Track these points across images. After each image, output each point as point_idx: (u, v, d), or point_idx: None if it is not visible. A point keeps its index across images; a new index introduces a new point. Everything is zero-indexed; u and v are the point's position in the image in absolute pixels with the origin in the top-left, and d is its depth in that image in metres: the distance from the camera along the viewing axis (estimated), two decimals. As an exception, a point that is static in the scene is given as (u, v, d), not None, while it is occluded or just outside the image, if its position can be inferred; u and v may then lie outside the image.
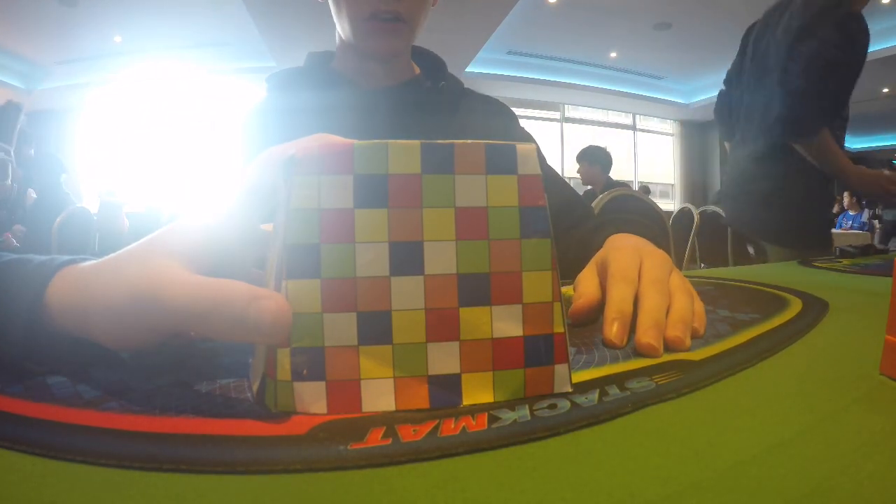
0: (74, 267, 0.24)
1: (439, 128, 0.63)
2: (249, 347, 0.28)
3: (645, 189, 6.15)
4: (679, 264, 2.21)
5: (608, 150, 2.97)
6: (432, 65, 0.68)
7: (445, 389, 0.20)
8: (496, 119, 0.69)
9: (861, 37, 1.14)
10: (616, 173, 2.99)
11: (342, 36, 0.63)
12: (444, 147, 0.20)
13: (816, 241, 1.25)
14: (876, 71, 5.63)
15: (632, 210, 1.88)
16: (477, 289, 0.20)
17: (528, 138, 0.71)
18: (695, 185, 8.15)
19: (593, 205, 1.60)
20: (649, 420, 0.19)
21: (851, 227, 5.14)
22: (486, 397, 0.20)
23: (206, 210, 0.23)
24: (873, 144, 10.01)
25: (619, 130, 7.85)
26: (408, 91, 0.64)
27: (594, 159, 2.89)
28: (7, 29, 4.71)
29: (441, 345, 0.20)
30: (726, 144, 1.50)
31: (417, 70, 0.68)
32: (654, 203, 2.20)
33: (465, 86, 0.70)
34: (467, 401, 0.20)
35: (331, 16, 0.62)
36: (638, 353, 0.26)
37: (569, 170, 7.17)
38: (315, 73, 0.64)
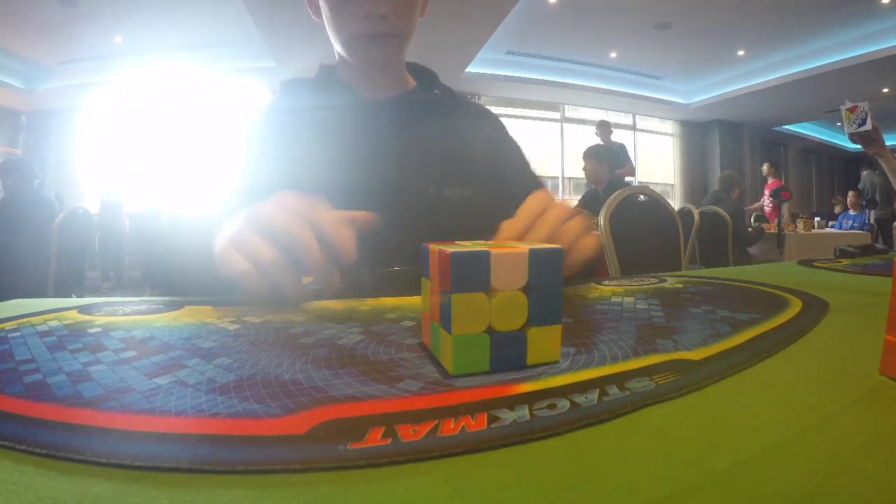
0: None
1: (435, 134, 0.70)
2: (248, 347, 0.28)
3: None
4: (679, 264, 2.21)
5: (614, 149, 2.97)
6: (426, 77, 0.76)
7: None
8: (485, 127, 0.77)
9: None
10: (616, 173, 2.99)
11: (338, 51, 0.70)
12: None
13: None
14: (876, 71, 5.61)
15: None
16: None
17: (513, 144, 0.79)
18: (695, 185, 8.13)
19: (605, 205, 1.60)
20: (649, 420, 0.19)
21: (852, 227, 5.14)
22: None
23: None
24: (873, 144, 9.97)
25: (619, 130, 7.84)
26: (405, 101, 0.71)
27: (601, 157, 2.88)
28: (7, 29, 4.71)
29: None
30: None
31: (413, 82, 0.76)
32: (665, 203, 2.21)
33: (463, 88, 0.76)
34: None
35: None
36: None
37: (569, 170, 7.17)
38: (323, 82, 0.72)
